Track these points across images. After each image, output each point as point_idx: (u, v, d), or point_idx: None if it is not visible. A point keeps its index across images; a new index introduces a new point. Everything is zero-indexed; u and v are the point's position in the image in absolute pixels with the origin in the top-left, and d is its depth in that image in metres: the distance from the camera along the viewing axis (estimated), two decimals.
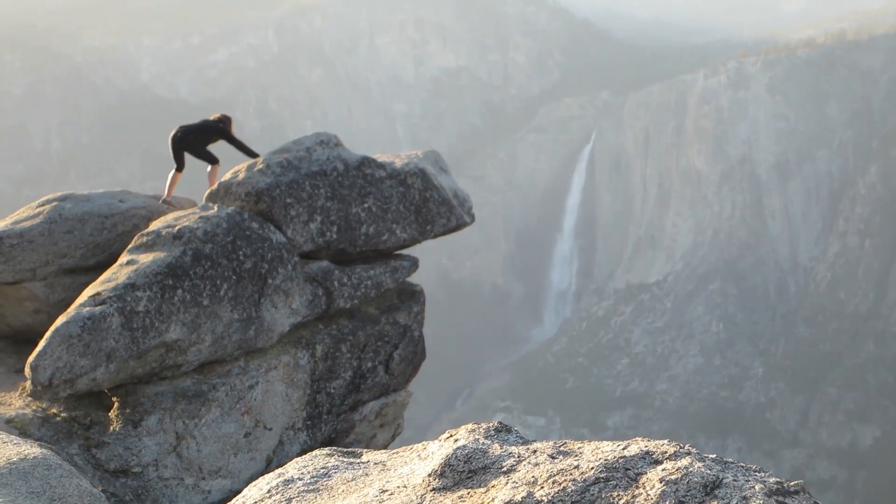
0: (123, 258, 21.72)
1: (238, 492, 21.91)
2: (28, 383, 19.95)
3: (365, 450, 9.90)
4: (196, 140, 26.69)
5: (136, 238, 22.25)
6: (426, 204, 26.36)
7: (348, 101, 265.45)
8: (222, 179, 24.40)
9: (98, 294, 20.47)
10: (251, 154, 25.99)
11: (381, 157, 26.59)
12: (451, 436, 8.95)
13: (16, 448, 8.34)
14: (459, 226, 27.51)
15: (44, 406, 20.55)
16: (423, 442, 9.22)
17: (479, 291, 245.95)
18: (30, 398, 20.53)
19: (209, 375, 21.95)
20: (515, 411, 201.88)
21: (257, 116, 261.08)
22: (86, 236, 23.64)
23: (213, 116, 27.58)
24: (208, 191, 24.43)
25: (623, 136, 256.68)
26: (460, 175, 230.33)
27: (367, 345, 24.89)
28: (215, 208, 23.19)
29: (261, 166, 24.35)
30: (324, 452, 9.60)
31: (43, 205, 24.20)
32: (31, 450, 8.33)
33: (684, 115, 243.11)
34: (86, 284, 22.00)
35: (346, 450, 9.79)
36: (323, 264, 24.39)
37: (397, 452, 9.55)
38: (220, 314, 21.65)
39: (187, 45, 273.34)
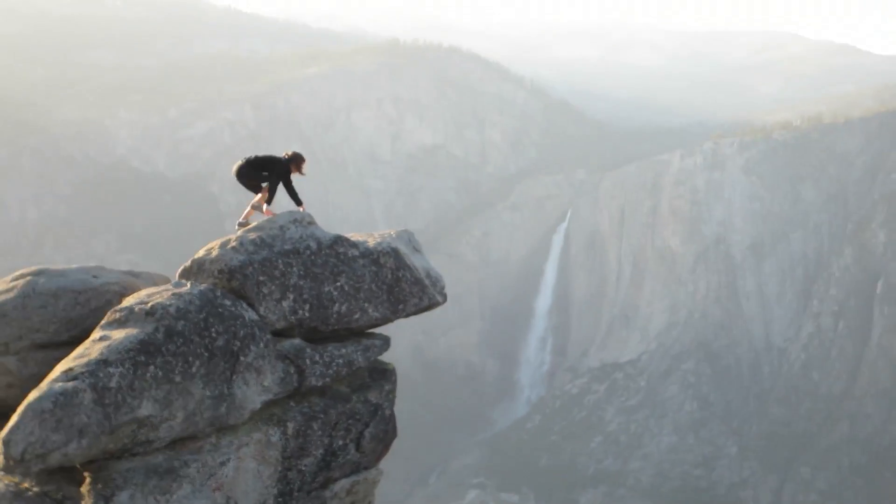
0: (96, 334, 21.81)
1: None
2: (1, 457, 19.97)
3: None
4: (259, 178, 27.66)
5: (109, 314, 22.35)
6: (398, 283, 26.58)
7: (324, 176, 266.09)
8: (195, 256, 24.55)
9: (70, 370, 20.56)
10: (297, 202, 27.41)
11: (354, 237, 26.84)
12: None
13: None
14: (431, 305, 27.70)
15: (16, 480, 20.58)
16: None
17: (454, 368, 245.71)
18: (1, 472, 20.54)
19: (181, 451, 21.98)
20: (489, 488, 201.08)
21: (233, 191, 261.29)
22: (59, 311, 23.73)
23: (286, 154, 28.30)
24: (182, 268, 24.57)
25: (599, 214, 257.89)
26: (436, 252, 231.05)
27: (339, 423, 24.95)
28: (188, 285, 23.31)
29: (234, 244, 24.53)
30: None
31: (17, 279, 24.28)
32: None
33: (660, 194, 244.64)
34: (59, 359, 21.99)
35: None
36: (295, 342, 24.50)
37: None
38: (192, 391, 21.72)
39: (164, 118, 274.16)
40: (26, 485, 20.57)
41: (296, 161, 28.17)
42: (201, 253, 24.60)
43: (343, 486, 25.59)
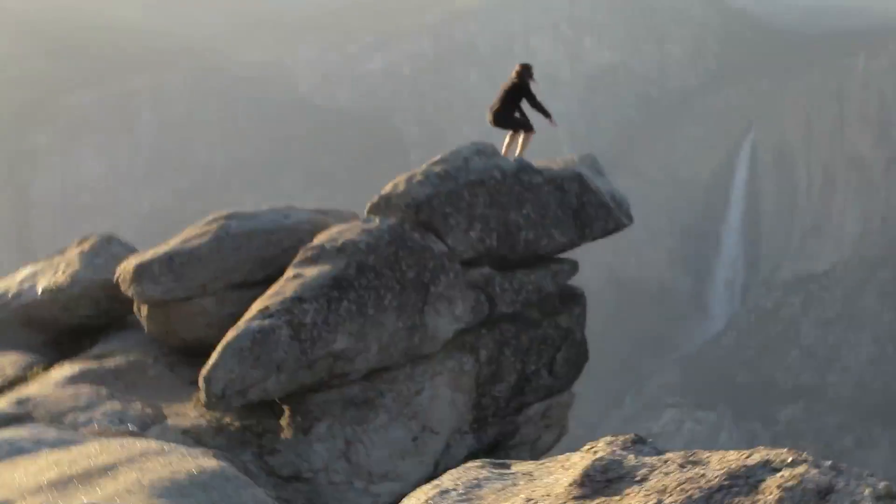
0: (289, 272, 22.28)
1: (406, 495, 22.42)
2: (202, 394, 20.59)
3: (514, 461, 10.28)
4: (506, 113, 27.34)
5: (301, 252, 22.81)
6: (584, 207, 26.48)
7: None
8: (383, 191, 24.79)
9: (266, 308, 21.08)
10: (545, 114, 26.68)
11: (538, 164, 26.81)
12: (592, 448, 9.33)
13: (194, 461, 8.79)
14: (618, 227, 27.59)
15: (217, 416, 21.19)
16: (567, 454, 9.61)
17: (645, 287, 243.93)
18: (204, 409, 21.15)
19: (376, 382, 22.43)
20: (685, 407, 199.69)
21: (416, 123, 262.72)
22: (252, 252, 24.29)
23: (515, 70, 28.24)
24: (369, 203, 24.85)
25: (785, 124, 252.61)
26: (620, 170, 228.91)
27: (531, 348, 25.09)
28: (377, 220, 23.65)
29: (419, 178, 24.74)
30: (476, 464, 10.06)
31: (210, 223, 24.90)
32: (208, 462, 8.77)
33: (846, 99, 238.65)
34: (254, 298, 22.55)
35: (496, 461, 10.20)
36: (484, 270, 24.67)
37: (543, 464, 9.96)
38: (385, 323, 22.07)
39: (344, 55, 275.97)
40: (227, 419, 21.18)
41: (528, 74, 28.18)
42: (388, 188, 24.87)
43: (537, 410, 25.79)
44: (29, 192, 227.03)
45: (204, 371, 20.29)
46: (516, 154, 27.23)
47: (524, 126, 27.02)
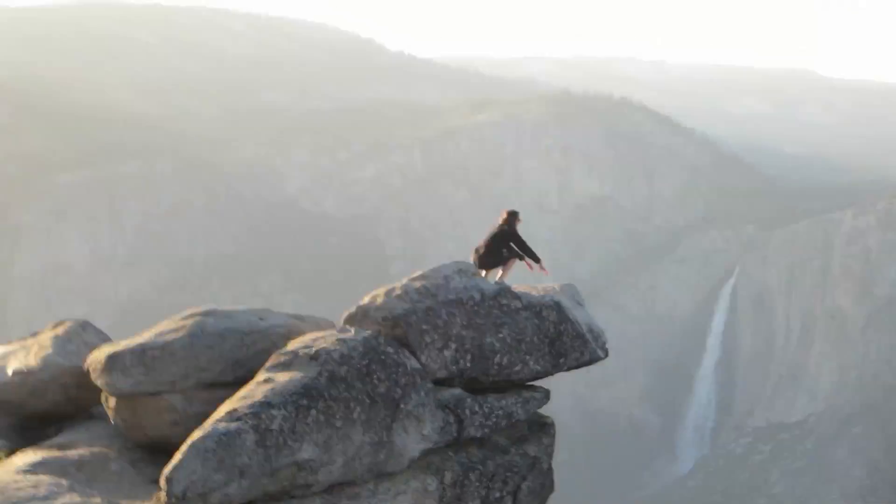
0: (261, 376, 22.18)
1: None
2: (163, 494, 20.34)
3: None
4: (493, 258, 29.18)
5: (273, 357, 22.71)
6: (560, 337, 26.56)
7: (491, 224, 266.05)
8: (361, 303, 24.83)
9: (235, 410, 20.93)
10: (534, 258, 28.93)
11: (518, 289, 26.92)
12: None
13: None
14: (592, 360, 27.66)
15: None
16: None
17: (615, 422, 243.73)
18: None
19: (338, 497, 22.19)
20: None
21: (400, 234, 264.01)
22: (226, 352, 24.13)
23: (502, 219, 30.19)
24: (346, 313, 24.85)
25: (767, 271, 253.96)
26: (600, 303, 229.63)
27: (496, 475, 24.93)
28: (352, 331, 23.59)
29: (399, 292, 24.77)
30: None
31: (187, 318, 24.78)
32: None
33: (831, 253, 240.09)
34: (223, 399, 22.37)
35: None
36: (455, 392, 24.61)
37: None
38: (352, 436, 21.92)
39: (334, 160, 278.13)
40: None
41: (516, 218, 30.07)
42: (366, 299, 24.93)
43: None
44: (10, 269, 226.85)
45: (166, 470, 20.09)
46: (498, 277, 27.54)
47: (514, 256, 27.93)
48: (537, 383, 27.09)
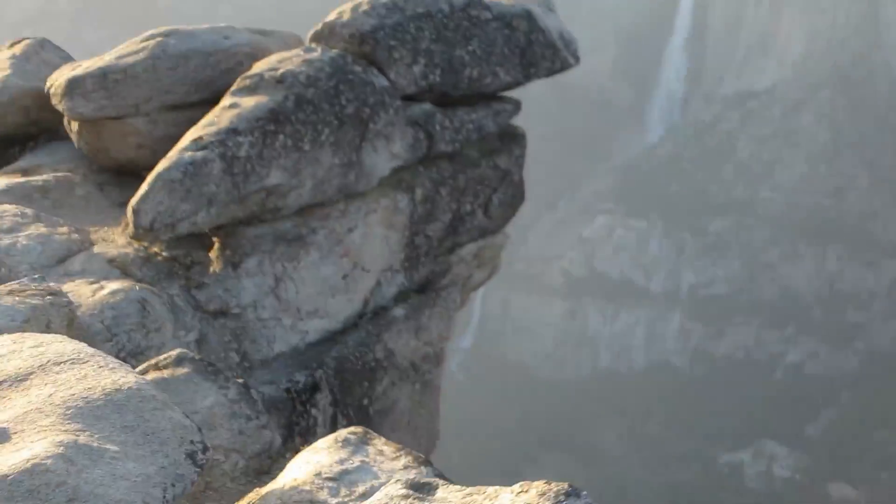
0: (226, 100, 21.65)
1: (335, 331, 22.48)
2: (129, 226, 20.21)
3: (442, 483, 9.69)
4: None
5: (238, 80, 22.09)
6: (531, 46, 25.81)
7: None
8: (327, 19, 24.07)
9: (200, 138, 20.51)
10: None
11: None
12: (524, 490, 8.77)
13: (111, 376, 8.45)
14: (564, 68, 27.12)
15: (145, 245, 20.80)
16: (496, 488, 9.08)
17: (586, 94, 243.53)
18: (131, 238, 20.79)
19: (309, 219, 22.05)
20: (617, 214, 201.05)
21: None
22: (189, 73, 23.44)
23: None
24: (312, 31, 24.17)
25: None
26: None
27: (467, 188, 24.80)
28: (319, 51, 22.98)
29: (365, 7, 23.99)
30: (399, 493, 9.36)
31: (147, 39, 24.07)
32: (126, 379, 8.45)
33: None
34: (188, 121, 21.89)
35: (422, 483, 9.55)
36: (425, 107, 24.04)
37: (470, 494, 9.33)
38: (320, 159, 21.61)
39: None
40: (155, 250, 20.77)
41: None
42: (333, 15, 24.01)
43: (470, 250, 25.61)
44: None
45: (133, 202, 19.83)
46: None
47: None
48: (508, 94, 26.65)
